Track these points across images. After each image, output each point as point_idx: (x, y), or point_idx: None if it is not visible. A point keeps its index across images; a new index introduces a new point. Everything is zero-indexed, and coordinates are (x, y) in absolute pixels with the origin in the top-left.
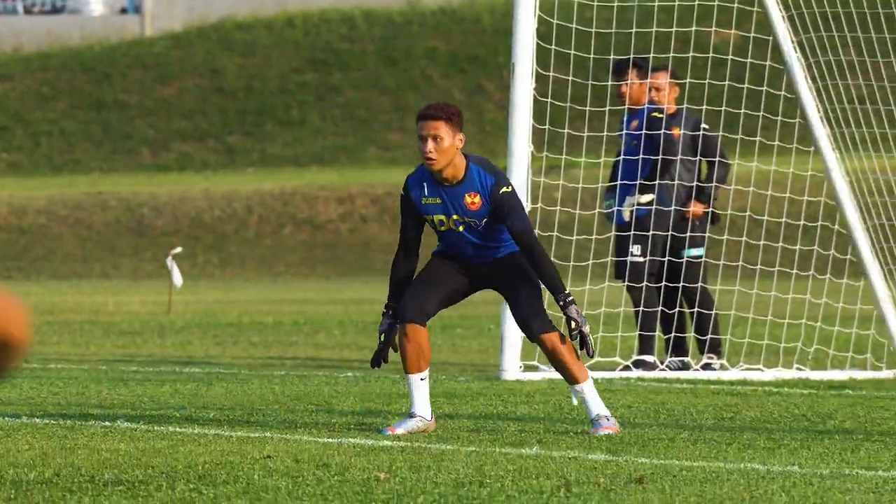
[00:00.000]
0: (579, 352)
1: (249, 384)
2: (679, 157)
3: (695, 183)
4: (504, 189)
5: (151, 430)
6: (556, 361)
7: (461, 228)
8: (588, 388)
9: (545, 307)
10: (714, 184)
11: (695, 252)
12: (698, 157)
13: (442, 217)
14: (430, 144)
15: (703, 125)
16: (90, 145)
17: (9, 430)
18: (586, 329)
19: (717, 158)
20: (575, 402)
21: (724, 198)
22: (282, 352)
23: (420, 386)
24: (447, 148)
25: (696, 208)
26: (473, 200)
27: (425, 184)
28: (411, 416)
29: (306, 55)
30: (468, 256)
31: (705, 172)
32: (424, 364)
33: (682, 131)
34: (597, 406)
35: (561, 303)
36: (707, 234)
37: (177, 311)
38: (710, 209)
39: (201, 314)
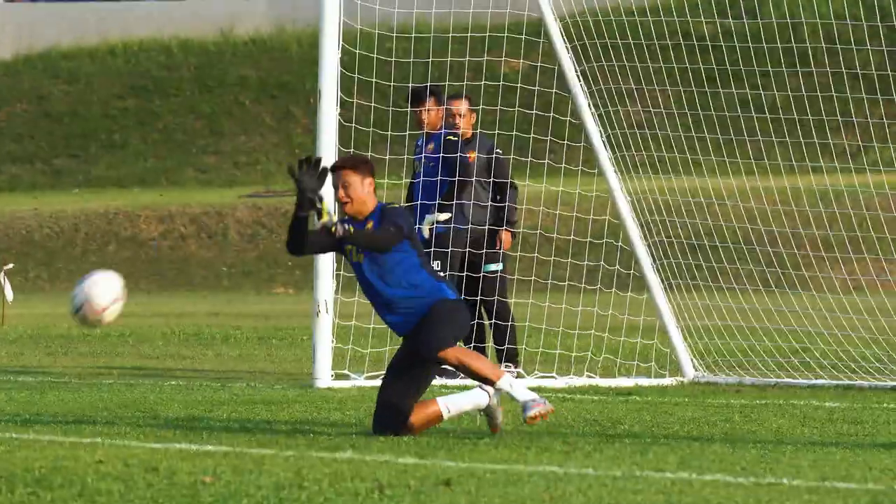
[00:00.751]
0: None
1: (80, 392)
2: (474, 178)
3: (489, 204)
4: (388, 206)
5: None
6: (466, 372)
7: (362, 257)
8: (506, 383)
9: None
10: (509, 205)
11: (493, 267)
12: (491, 179)
13: (351, 247)
14: (341, 192)
15: (496, 150)
16: None
17: None
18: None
19: (509, 181)
20: (494, 399)
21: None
22: (109, 361)
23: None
24: (359, 193)
25: (506, 237)
26: (369, 226)
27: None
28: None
29: (127, 82)
30: (387, 320)
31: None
32: (451, 410)
33: (477, 154)
34: (522, 394)
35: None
36: (503, 251)
37: (10, 323)
38: (509, 229)
39: (33, 326)
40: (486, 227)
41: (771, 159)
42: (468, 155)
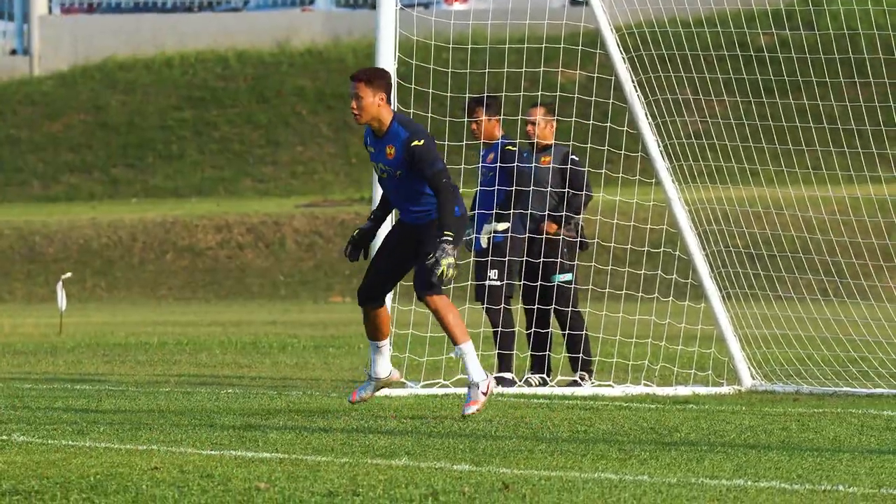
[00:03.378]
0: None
1: (136, 400)
2: (531, 188)
3: (564, 213)
4: (416, 142)
5: (46, 444)
6: (439, 322)
7: (385, 176)
8: (467, 350)
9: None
10: (575, 216)
11: (563, 278)
12: (566, 189)
13: (374, 164)
14: (353, 102)
15: (571, 157)
16: None
17: None
18: (439, 265)
19: (579, 192)
20: (456, 356)
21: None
22: (166, 370)
23: (380, 351)
24: (367, 105)
25: (551, 226)
26: (390, 151)
27: (368, 135)
28: (369, 379)
29: (184, 93)
30: (402, 215)
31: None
32: (382, 335)
33: (553, 163)
34: (474, 371)
35: (438, 238)
36: (576, 262)
37: (67, 332)
38: (579, 238)
39: (90, 335)
40: (560, 237)
41: (828, 169)
42: (542, 160)
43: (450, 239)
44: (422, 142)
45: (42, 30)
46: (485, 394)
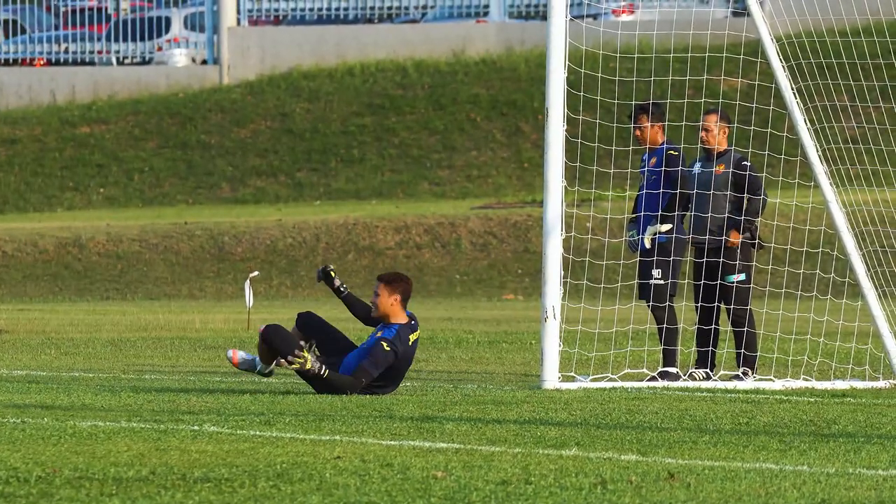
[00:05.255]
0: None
1: (321, 394)
2: (694, 190)
3: (742, 218)
4: (384, 341)
5: (235, 434)
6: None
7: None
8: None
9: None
10: (753, 217)
11: (734, 278)
12: (746, 190)
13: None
14: (373, 297)
15: (744, 163)
16: (177, 181)
17: (109, 433)
18: (305, 365)
19: (757, 194)
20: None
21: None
22: None
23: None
24: (382, 302)
25: (734, 235)
26: (383, 342)
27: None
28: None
29: (365, 101)
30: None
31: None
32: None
33: (726, 168)
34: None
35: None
36: (752, 263)
37: (255, 327)
38: (756, 240)
39: None
40: (724, 238)
41: None
42: (716, 168)
43: (327, 369)
44: (388, 348)
45: (231, 41)
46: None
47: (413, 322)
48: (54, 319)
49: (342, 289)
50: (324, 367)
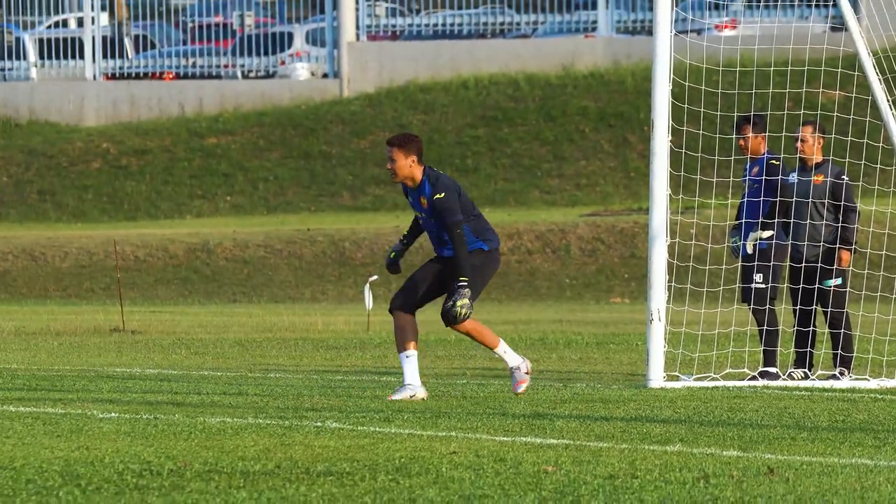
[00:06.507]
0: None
1: (437, 391)
2: (794, 199)
3: (839, 225)
4: (437, 195)
5: (356, 430)
6: (474, 339)
7: (421, 222)
8: (500, 350)
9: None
10: (849, 226)
11: (831, 282)
12: (842, 203)
13: (414, 210)
14: (388, 164)
15: (843, 176)
16: (300, 189)
17: (237, 429)
18: (454, 308)
19: (852, 205)
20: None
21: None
22: (462, 363)
23: (409, 361)
24: (401, 166)
25: (845, 255)
26: (423, 201)
27: (406, 188)
28: (402, 386)
29: (478, 113)
30: (437, 251)
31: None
32: (410, 345)
33: (825, 179)
34: (511, 359)
35: (455, 283)
36: (849, 268)
37: (374, 329)
38: (853, 246)
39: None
40: (822, 244)
41: None
42: (814, 178)
43: (464, 283)
44: (442, 194)
45: (351, 55)
46: (527, 373)
47: (433, 169)
48: (184, 321)
49: (400, 245)
50: (465, 292)
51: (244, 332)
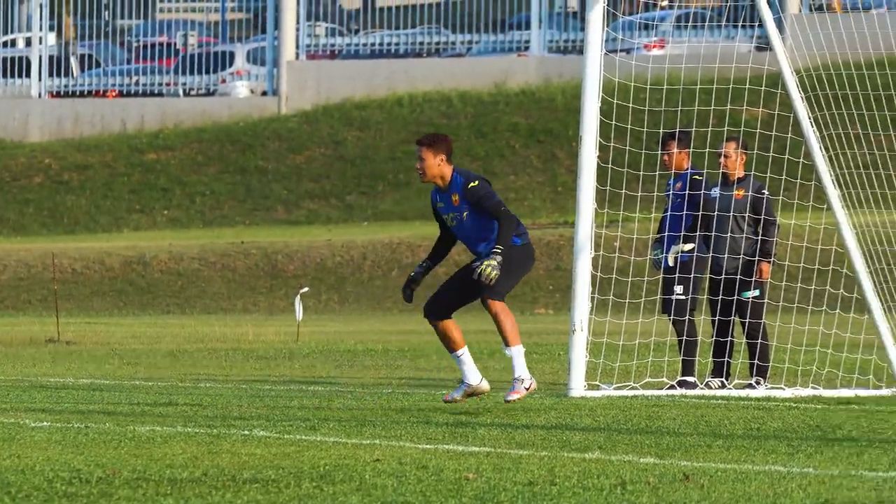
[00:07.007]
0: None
1: (363, 400)
2: (716, 213)
3: (759, 238)
4: (472, 184)
5: (282, 438)
6: (496, 324)
7: (455, 223)
8: (517, 352)
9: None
10: (768, 239)
11: (749, 294)
12: (762, 216)
13: (445, 217)
14: (418, 164)
15: (763, 190)
16: (235, 203)
17: (166, 437)
18: (485, 268)
19: (772, 218)
20: (508, 354)
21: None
22: (389, 373)
23: (461, 360)
24: (430, 165)
25: (765, 268)
26: (455, 199)
27: (437, 193)
28: (461, 383)
29: (412, 129)
30: (473, 249)
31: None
32: (456, 345)
33: (746, 193)
34: (520, 369)
35: (490, 249)
36: (767, 280)
37: (304, 340)
38: (766, 260)
39: (324, 343)
40: (742, 257)
41: None
42: (735, 192)
43: (499, 250)
44: (476, 182)
45: (290, 74)
46: (527, 389)
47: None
48: (118, 332)
49: (420, 268)
50: (496, 257)
51: (176, 343)
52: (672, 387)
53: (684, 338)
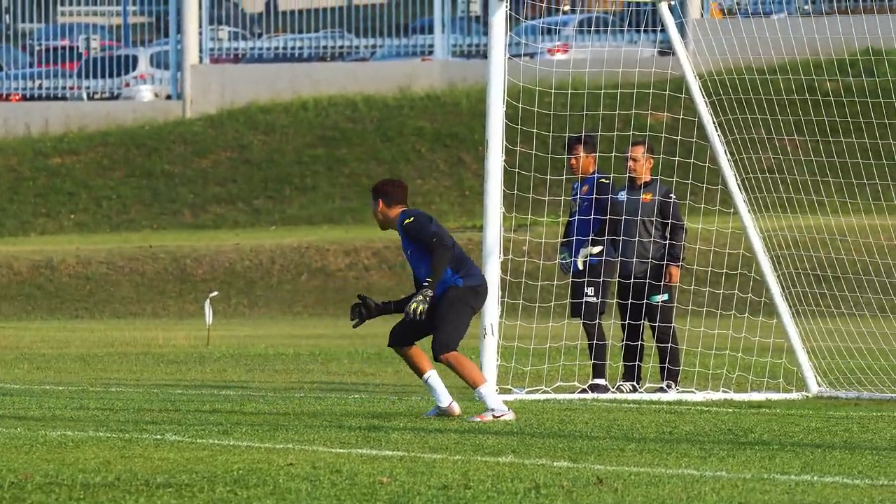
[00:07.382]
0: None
1: (274, 404)
2: (623, 216)
3: (667, 242)
4: (406, 221)
5: (195, 442)
6: (457, 374)
7: (408, 260)
8: (485, 391)
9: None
10: (677, 243)
11: (658, 298)
12: (669, 220)
13: (404, 255)
14: (373, 210)
15: (670, 194)
16: (142, 208)
17: (78, 442)
18: (412, 309)
19: (679, 222)
20: (478, 398)
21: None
22: (301, 377)
23: (429, 385)
24: (376, 213)
25: (675, 271)
26: (399, 238)
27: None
28: (436, 407)
29: (317, 133)
30: (422, 279)
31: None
32: (423, 370)
33: (653, 197)
34: (492, 402)
35: (422, 286)
36: (676, 284)
37: (214, 344)
38: (675, 263)
39: (234, 347)
40: (650, 260)
41: (887, 200)
42: (643, 196)
43: (426, 284)
44: (411, 219)
45: (194, 78)
46: (495, 417)
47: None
48: (27, 336)
49: (383, 304)
50: (424, 292)
51: (86, 347)
52: (584, 391)
53: (594, 341)
